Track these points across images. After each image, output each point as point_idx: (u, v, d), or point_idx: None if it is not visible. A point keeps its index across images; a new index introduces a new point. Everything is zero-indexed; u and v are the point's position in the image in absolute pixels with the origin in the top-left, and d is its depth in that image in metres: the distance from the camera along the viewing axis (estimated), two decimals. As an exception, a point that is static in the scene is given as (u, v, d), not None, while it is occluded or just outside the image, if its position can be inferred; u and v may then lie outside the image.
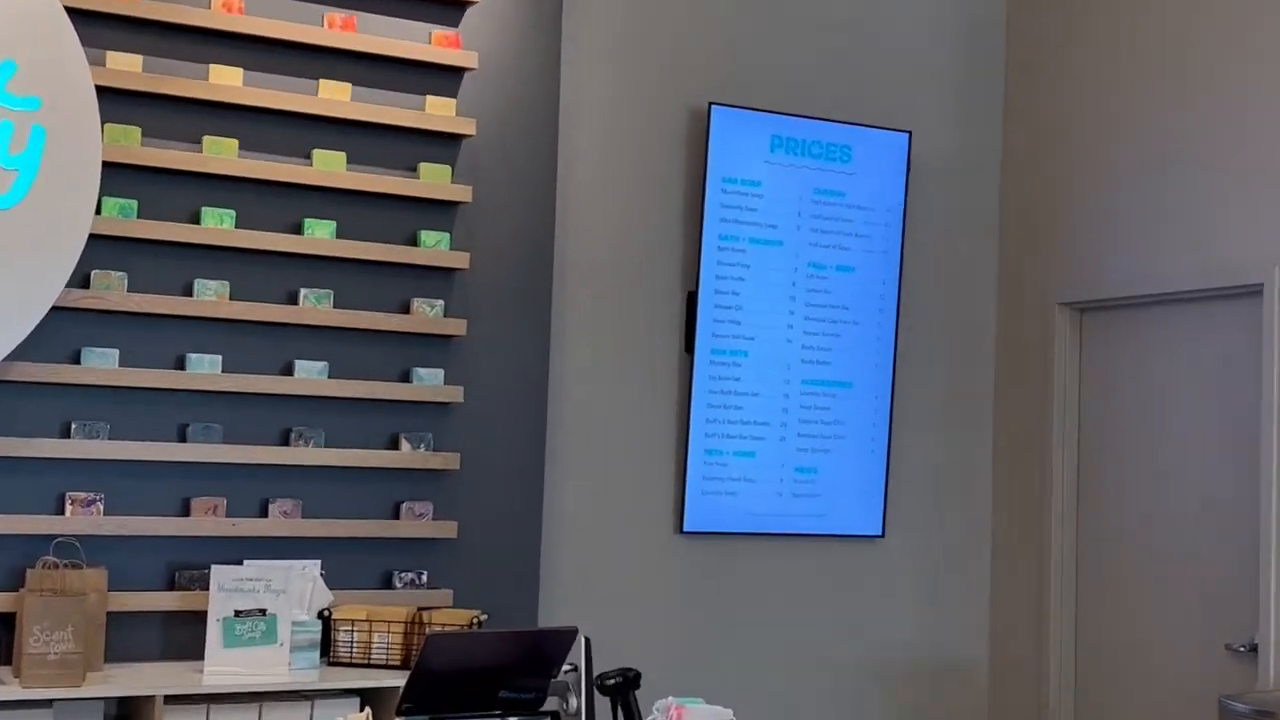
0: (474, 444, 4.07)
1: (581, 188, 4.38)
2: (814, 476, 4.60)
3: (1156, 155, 4.44)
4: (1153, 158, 4.44)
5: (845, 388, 4.65)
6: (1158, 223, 4.42)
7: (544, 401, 4.22)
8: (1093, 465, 4.66)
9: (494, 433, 4.12)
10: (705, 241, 4.45)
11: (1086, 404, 4.70)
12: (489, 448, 4.10)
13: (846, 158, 4.65)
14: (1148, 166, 4.45)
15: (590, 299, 4.39)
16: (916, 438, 4.85)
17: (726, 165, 4.48)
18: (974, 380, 4.97)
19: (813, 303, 4.61)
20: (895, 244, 4.72)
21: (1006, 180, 4.99)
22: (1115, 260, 4.54)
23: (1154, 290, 4.40)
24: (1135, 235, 4.48)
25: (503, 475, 4.13)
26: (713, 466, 4.46)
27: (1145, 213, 4.46)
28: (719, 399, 4.47)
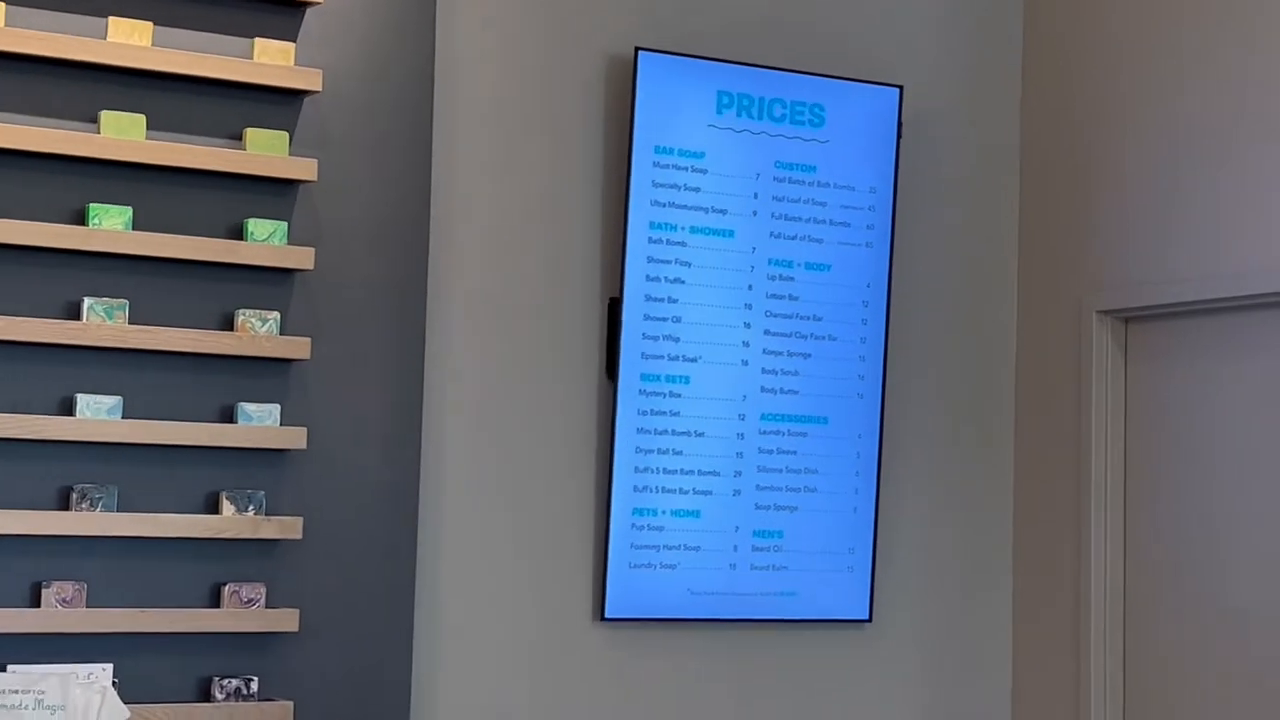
0: (321, 505, 4.01)
1: (465, 162, 4.33)
2: (779, 542, 4.57)
3: (1224, 125, 4.43)
4: (1220, 128, 4.44)
5: (819, 424, 4.62)
6: (1222, 211, 4.42)
7: (416, 447, 4.15)
8: (1142, 519, 4.66)
9: (349, 490, 4.05)
10: (631, 232, 4.40)
11: (1134, 438, 4.70)
12: (342, 510, 4.03)
13: (818, 121, 4.63)
14: (1214, 139, 4.45)
15: (478, 310, 4.34)
16: (913, 489, 4.84)
17: (659, 131, 4.45)
18: (987, 412, 4.97)
19: (775, 312, 4.58)
20: (883, 235, 4.70)
21: (1028, 150, 5.00)
22: (1167, 258, 4.55)
23: (1216, 295, 4.41)
24: (1194, 226, 4.49)
25: (360, 547, 4.05)
26: (643, 531, 4.41)
27: (1207, 199, 4.46)
28: (651, 440, 4.42)
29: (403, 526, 4.09)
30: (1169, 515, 4.58)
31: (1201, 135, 4.47)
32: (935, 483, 4.87)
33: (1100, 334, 4.71)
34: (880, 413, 4.68)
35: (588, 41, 4.46)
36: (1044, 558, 4.85)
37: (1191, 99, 4.51)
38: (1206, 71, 4.48)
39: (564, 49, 4.44)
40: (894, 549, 4.76)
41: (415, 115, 4.17)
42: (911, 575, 4.81)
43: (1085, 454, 4.70)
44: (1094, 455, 4.69)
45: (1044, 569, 4.84)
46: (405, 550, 4.09)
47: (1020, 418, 4.96)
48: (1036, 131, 4.96)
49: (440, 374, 4.24)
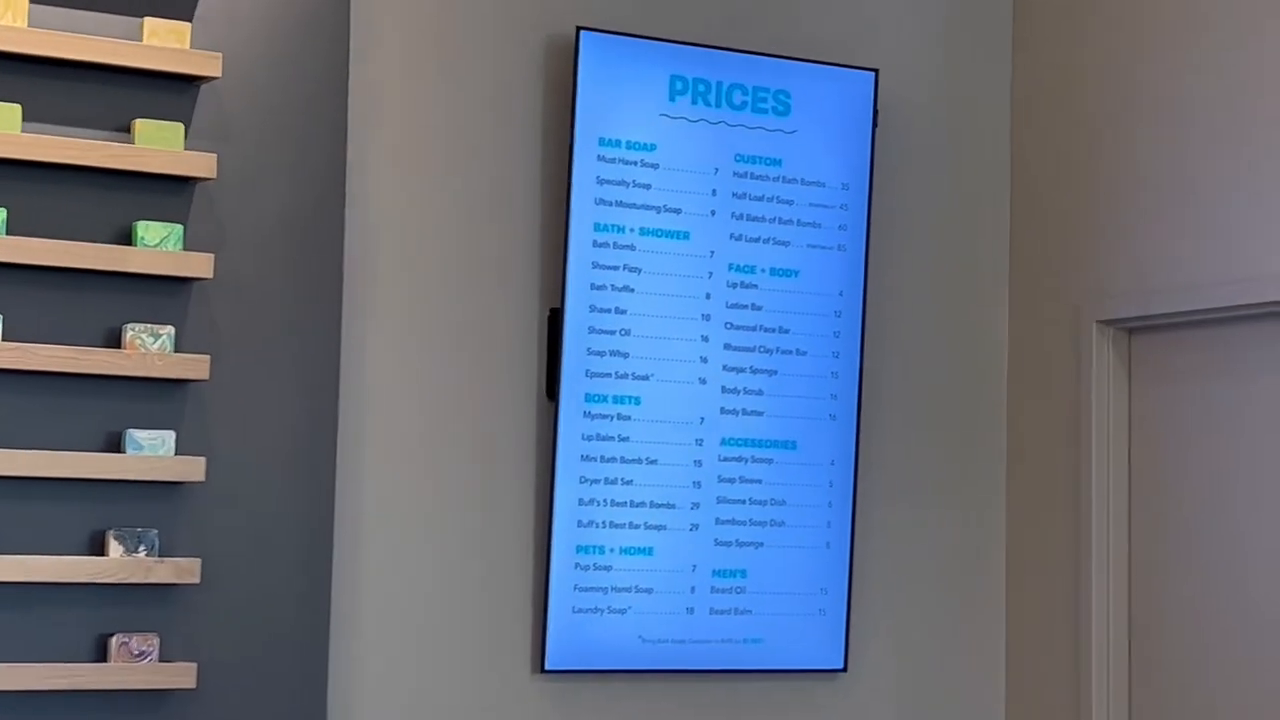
0: (222, 545, 3.97)
1: (385, 157, 4.32)
2: (742, 583, 4.55)
3: (1238, 116, 4.42)
4: (1233, 120, 4.43)
5: (786, 449, 4.62)
6: (1235, 211, 4.41)
7: (331, 479, 4.11)
8: (1147, 553, 4.65)
9: (254, 527, 4.02)
10: (573, 235, 4.39)
11: (1138, 461, 4.70)
12: (246, 551, 4.00)
13: (783, 108, 4.62)
14: (1227, 132, 4.44)
15: (400, 324, 4.31)
16: (893, 522, 4.81)
17: (604, 120, 4.44)
18: (976, 435, 4.97)
19: (736, 324, 4.57)
20: (858, 236, 4.69)
21: (1019, 141, 4.99)
22: (1174, 262, 4.54)
23: (1228, 303, 4.41)
24: (1204, 227, 4.48)
25: (267, 592, 4.02)
26: (589, 572, 4.40)
27: (1218, 197, 4.45)
28: (597, 469, 4.41)
29: (315, 569, 4.05)
30: (1178, 547, 4.57)
31: (1213, 128, 4.46)
32: (918, 515, 4.84)
33: (1101, 346, 4.70)
34: (855, 436, 4.66)
35: (523, 20, 4.45)
36: (1040, 599, 4.83)
37: (1203, 85, 4.50)
38: (1217, 58, 4.47)
39: (496, 28, 4.42)
40: (872, 590, 4.73)
41: (328, 104, 4.13)
42: (892, 619, 4.77)
43: (1085, 481, 4.69)
44: (1095, 482, 4.68)
45: (1041, 612, 4.82)
46: (318, 596, 4.05)
47: (1013, 441, 4.95)
48: (1029, 120, 4.95)
49: (358, 396, 4.20)
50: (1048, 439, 4.84)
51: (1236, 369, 4.46)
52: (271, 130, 4.07)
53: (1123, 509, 4.70)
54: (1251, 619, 4.38)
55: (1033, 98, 4.95)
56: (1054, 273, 4.85)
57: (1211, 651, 4.47)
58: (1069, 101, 4.85)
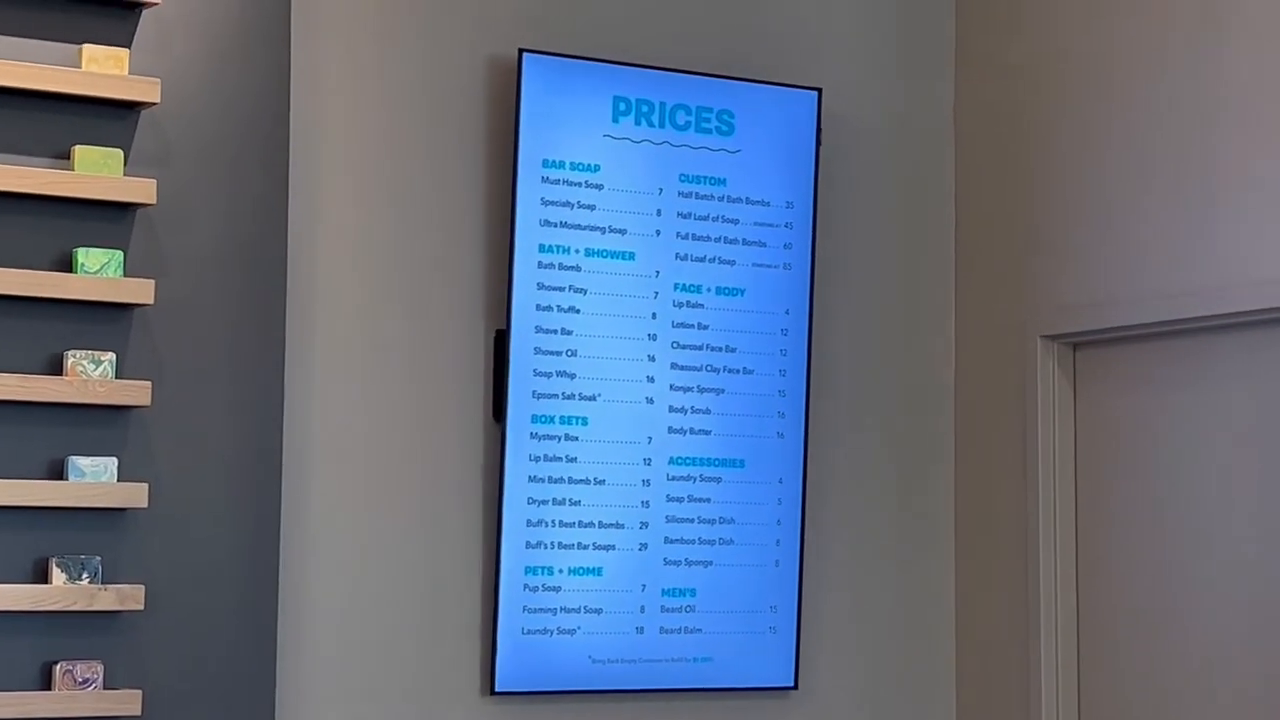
0: (167, 572, 3.94)
1: (327, 181, 4.31)
2: (691, 602, 4.55)
3: (1176, 129, 4.44)
4: (1171, 132, 4.45)
5: (734, 468, 4.63)
6: (1180, 224, 4.42)
7: (276, 504, 4.09)
8: (1097, 557, 4.66)
9: (198, 553, 3.99)
10: (518, 256, 4.40)
11: (1085, 477, 4.71)
12: (191, 577, 3.97)
13: (727, 128, 4.64)
14: (1165, 145, 4.46)
15: (345, 348, 4.31)
16: (842, 539, 4.83)
17: (548, 142, 4.45)
18: (924, 452, 4.98)
19: (683, 343, 4.58)
20: (803, 255, 4.71)
21: (964, 158, 5.02)
22: (1119, 276, 4.55)
23: (1174, 316, 4.41)
24: (1146, 242, 4.49)
25: (213, 619, 3.99)
26: (538, 593, 4.39)
27: (1163, 210, 4.46)
28: (545, 490, 4.41)
29: (261, 595, 4.03)
30: (1123, 565, 4.57)
31: (1157, 139, 4.47)
32: (867, 531, 4.85)
33: (1046, 361, 4.71)
34: (803, 454, 4.66)
35: (465, 42, 4.44)
36: (990, 616, 4.83)
37: (1147, 99, 4.51)
38: (1163, 69, 4.48)
39: (437, 51, 4.41)
40: (822, 607, 4.73)
41: (269, 129, 4.12)
42: (842, 636, 4.78)
43: (1032, 495, 4.71)
44: (1041, 496, 4.69)
45: (991, 628, 4.83)
46: (264, 621, 4.03)
47: (960, 457, 4.96)
48: (972, 137, 4.97)
49: (303, 420, 4.19)
50: (996, 455, 4.84)
51: (1183, 382, 4.46)
52: (212, 155, 4.05)
53: (1069, 525, 4.70)
54: (1196, 638, 4.37)
55: (976, 113, 4.96)
56: (1000, 288, 4.86)
57: (1160, 676, 4.45)
58: (1012, 116, 4.86)
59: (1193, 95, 4.39)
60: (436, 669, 4.32)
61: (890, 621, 4.86)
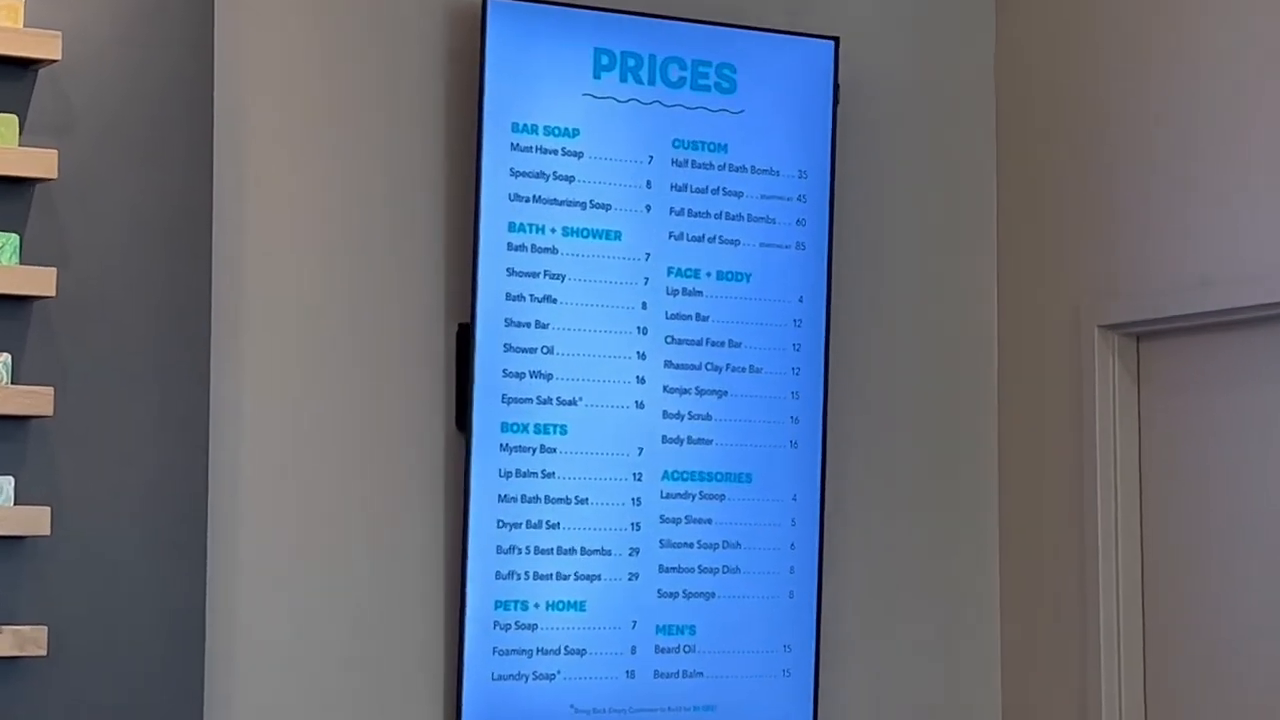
0: (73, 610, 3.92)
1: (260, 152, 4.32)
2: (691, 640, 4.55)
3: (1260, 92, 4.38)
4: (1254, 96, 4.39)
5: (740, 483, 4.63)
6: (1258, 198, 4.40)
7: (202, 530, 4.03)
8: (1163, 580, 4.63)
9: (110, 589, 3.96)
10: (484, 236, 4.39)
11: (1150, 483, 4.71)
12: (102, 616, 3.94)
13: (728, 85, 4.64)
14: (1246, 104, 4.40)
15: (280, 345, 4.31)
16: (868, 564, 4.86)
17: (518, 103, 4.45)
18: (964, 461, 5.02)
19: (679, 338, 4.57)
20: (819, 234, 4.70)
21: (1006, 119, 5.02)
22: (1187, 258, 4.52)
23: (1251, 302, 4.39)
24: (1220, 217, 4.45)
25: (127, 665, 3.96)
26: (510, 631, 4.38)
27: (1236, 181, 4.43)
28: (518, 511, 4.40)
29: (185, 637, 4.01)
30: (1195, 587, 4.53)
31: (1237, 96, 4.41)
32: (897, 557, 4.85)
33: (1105, 354, 4.72)
34: (821, 467, 4.65)
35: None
36: (1041, 647, 4.81)
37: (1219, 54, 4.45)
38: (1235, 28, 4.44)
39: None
40: (844, 646, 4.76)
41: (190, 90, 4.12)
42: (868, 679, 4.80)
43: (1090, 510, 4.70)
44: (1100, 511, 4.70)
45: (1041, 662, 4.81)
46: (189, 668, 4.01)
47: (1005, 467, 4.96)
48: (1017, 94, 4.96)
49: (232, 432, 4.18)
50: (1047, 464, 4.84)
51: (1262, 377, 4.44)
52: (123, 121, 4.05)
53: (1133, 544, 4.70)
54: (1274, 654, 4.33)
55: (1022, 67, 4.96)
56: (1049, 270, 4.86)
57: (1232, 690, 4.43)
58: (1065, 71, 4.83)
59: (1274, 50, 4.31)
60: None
61: (925, 661, 4.87)
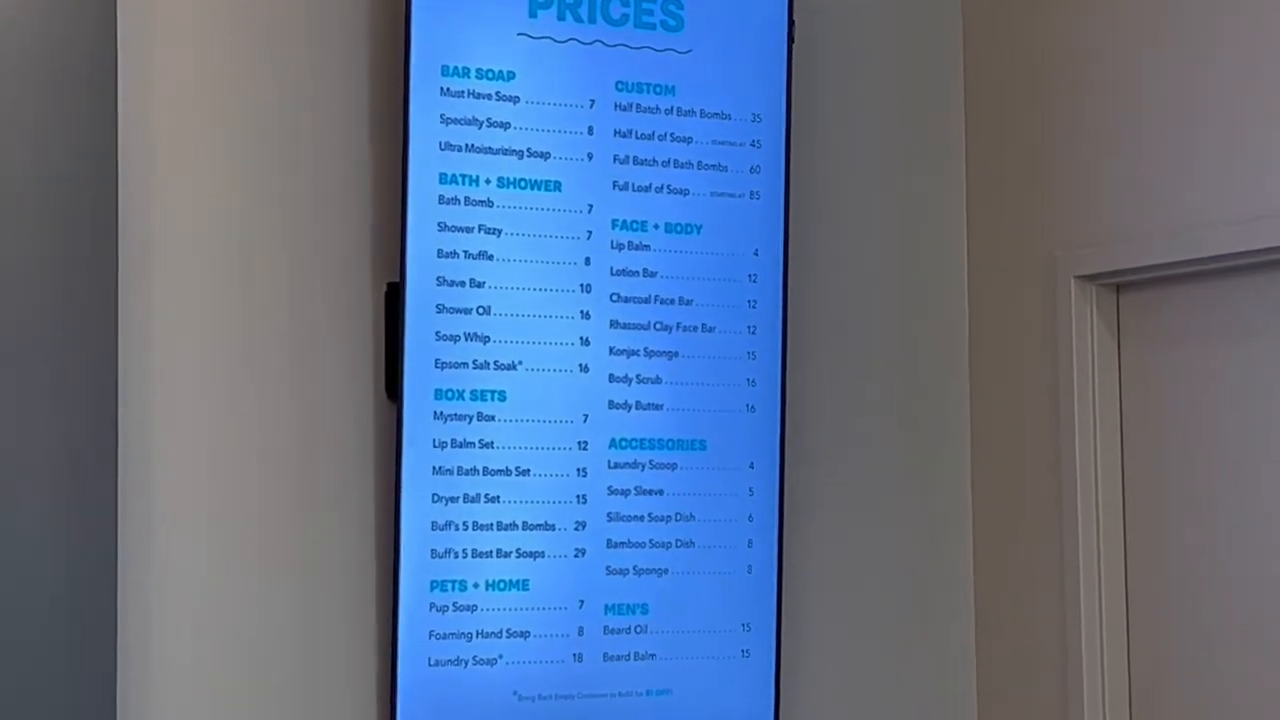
0: None
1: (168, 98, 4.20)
2: (643, 620, 4.47)
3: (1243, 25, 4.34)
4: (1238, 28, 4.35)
5: (694, 451, 4.55)
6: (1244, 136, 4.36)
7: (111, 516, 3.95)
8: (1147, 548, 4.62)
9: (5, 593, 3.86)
10: (412, 190, 4.28)
11: (1132, 442, 4.68)
12: None
13: (675, 22, 4.55)
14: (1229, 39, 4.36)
15: (195, 311, 4.22)
16: (831, 537, 4.79)
17: (448, 44, 4.35)
18: (932, 421, 4.95)
19: (625, 295, 4.49)
20: (774, 181, 4.61)
21: (974, 56, 4.96)
22: (1169, 202, 4.48)
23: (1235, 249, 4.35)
24: (1205, 158, 4.40)
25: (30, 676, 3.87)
26: (447, 613, 4.28)
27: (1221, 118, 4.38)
28: (454, 484, 4.32)
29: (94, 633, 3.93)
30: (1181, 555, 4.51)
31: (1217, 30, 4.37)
32: (862, 527, 4.79)
33: (1082, 307, 4.68)
34: (780, 432, 4.57)
35: (339, -84, 4.28)
36: (1017, 623, 4.79)
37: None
38: None
39: (304, -72, 4.25)
40: (807, 624, 4.68)
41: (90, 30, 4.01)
42: (833, 660, 4.75)
43: (1069, 472, 4.67)
44: (1080, 474, 4.66)
45: (1018, 639, 4.80)
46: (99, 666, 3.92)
47: (978, 429, 4.92)
48: (987, 27, 4.91)
49: (140, 401, 4.07)
50: (1022, 424, 4.81)
51: (1251, 329, 4.42)
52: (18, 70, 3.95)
53: (1114, 509, 4.67)
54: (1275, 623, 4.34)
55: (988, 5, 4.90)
56: (1022, 218, 4.82)
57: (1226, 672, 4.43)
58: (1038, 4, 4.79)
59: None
60: (321, 713, 4.24)
61: (894, 640, 4.83)
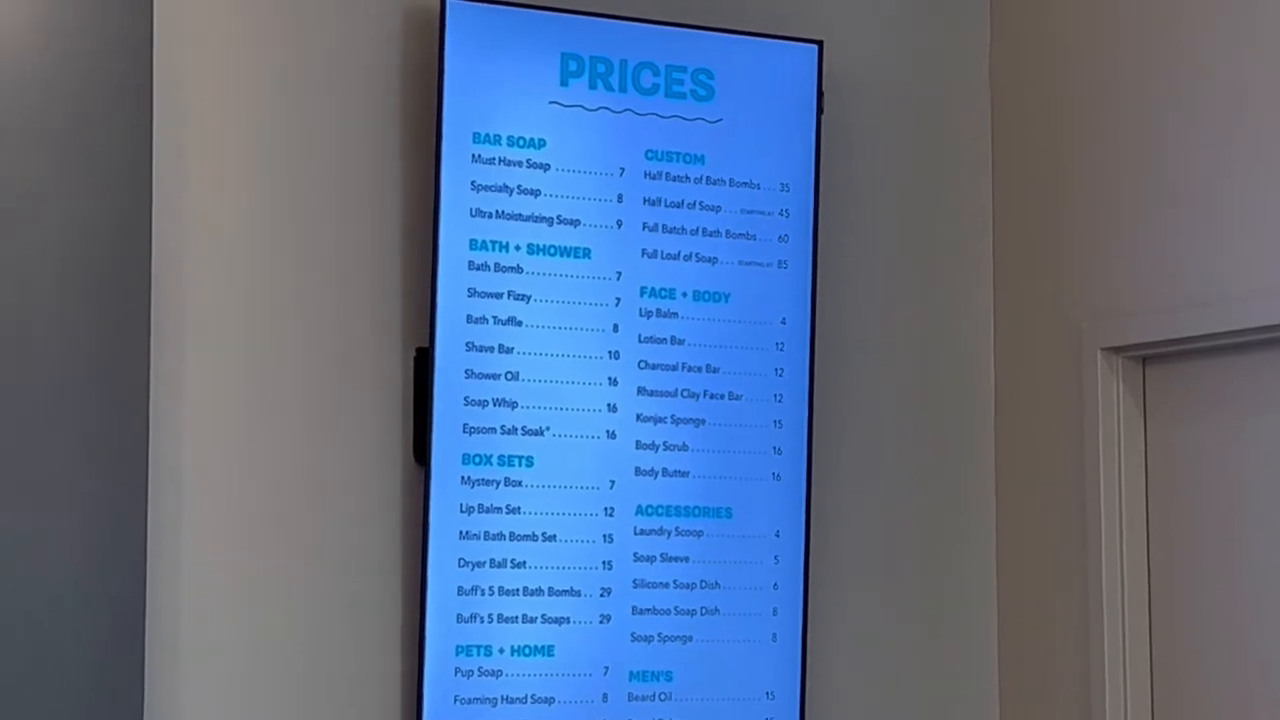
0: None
1: (202, 163, 4.25)
2: (667, 688, 4.51)
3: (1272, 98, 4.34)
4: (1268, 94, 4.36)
5: (719, 518, 4.61)
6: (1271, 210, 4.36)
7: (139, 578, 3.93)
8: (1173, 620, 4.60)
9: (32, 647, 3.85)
10: (443, 254, 4.34)
11: (1158, 516, 4.67)
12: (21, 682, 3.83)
13: (705, 92, 4.62)
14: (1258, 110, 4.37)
15: (225, 373, 4.25)
16: (857, 606, 4.81)
17: (480, 111, 4.42)
18: (958, 495, 4.98)
19: (653, 362, 4.55)
20: (803, 251, 4.68)
21: (1001, 128, 4.99)
22: (1197, 275, 4.47)
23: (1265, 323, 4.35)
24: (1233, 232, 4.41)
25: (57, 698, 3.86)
26: (472, 678, 4.33)
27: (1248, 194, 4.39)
28: (481, 549, 4.36)
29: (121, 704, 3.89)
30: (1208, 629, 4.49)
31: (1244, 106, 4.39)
32: (888, 596, 4.79)
33: (1108, 379, 4.68)
34: (806, 500, 4.60)
35: (378, -15, 4.35)
36: (1043, 693, 4.78)
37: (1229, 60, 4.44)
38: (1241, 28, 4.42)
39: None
40: (831, 693, 4.70)
41: (128, 93, 4.04)
42: None
43: (1094, 545, 4.67)
44: (1105, 547, 4.66)
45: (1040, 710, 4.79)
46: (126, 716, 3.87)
47: (1003, 501, 4.92)
48: (1014, 100, 4.94)
49: (172, 462, 4.09)
50: (1049, 497, 4.81)
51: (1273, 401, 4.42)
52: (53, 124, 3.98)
53: (1139, 582, 4.67)
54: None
55: (1019, 73, 4.93)
56: (1049, 289, 4.83)
57: None
58: (1065, 76, 4.82)
59: None
60: (345, 778, 4.20)
61: (919, 710, 4.83)
